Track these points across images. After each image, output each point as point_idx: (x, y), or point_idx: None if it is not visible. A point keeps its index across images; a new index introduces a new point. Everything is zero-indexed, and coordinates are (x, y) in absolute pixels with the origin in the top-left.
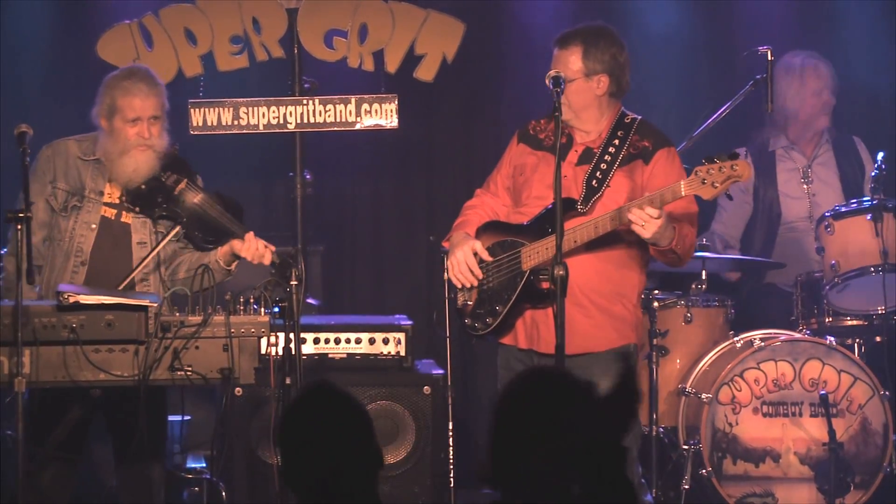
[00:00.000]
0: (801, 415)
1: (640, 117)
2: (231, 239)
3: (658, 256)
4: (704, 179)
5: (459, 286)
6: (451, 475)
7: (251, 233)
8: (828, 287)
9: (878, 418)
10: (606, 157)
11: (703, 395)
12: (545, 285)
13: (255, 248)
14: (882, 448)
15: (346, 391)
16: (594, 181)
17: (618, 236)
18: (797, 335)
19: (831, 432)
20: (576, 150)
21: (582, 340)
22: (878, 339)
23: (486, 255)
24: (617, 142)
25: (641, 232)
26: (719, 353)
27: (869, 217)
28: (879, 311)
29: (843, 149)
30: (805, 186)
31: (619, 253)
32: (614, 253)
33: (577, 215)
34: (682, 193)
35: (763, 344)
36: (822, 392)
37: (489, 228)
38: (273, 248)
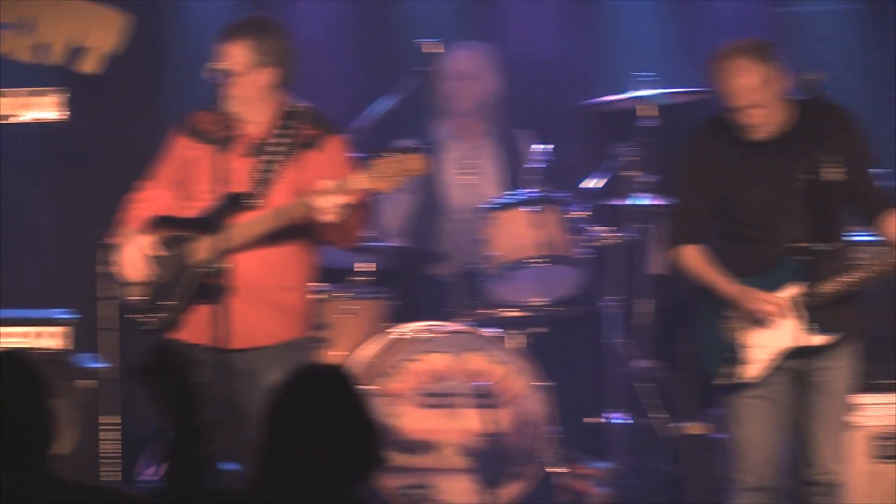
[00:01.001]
0: (460, 406)
1: (309, 105)
2: None
3: (334, 242)
4: (382, 173)
5: (129, 281)
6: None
7: None
8: (489, 278)
9: (536, 409)
10: (276, 148)
11: (364, 387)
12: (214, 280)
13: None
14: (540, 439)
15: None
16: (264, 173)
17: (285, 227)
18: (458, 326)
19: (490, 424)
20: (243, 143)
21: (251, 334)
22: (537, 330)
23: (155, 250)
24: (286, 132)
25: (324, 218)
26: (380, 345)
27: (529, 208)
28: (539, 303)
29: (506, 141)
30: (468, 178)
31: (287, 244)
32: (282, 244)
33: (248, 209)
34: (361, 186)
35: (423, 335)
36: (481, 383)
37: (159, 223)
38: None
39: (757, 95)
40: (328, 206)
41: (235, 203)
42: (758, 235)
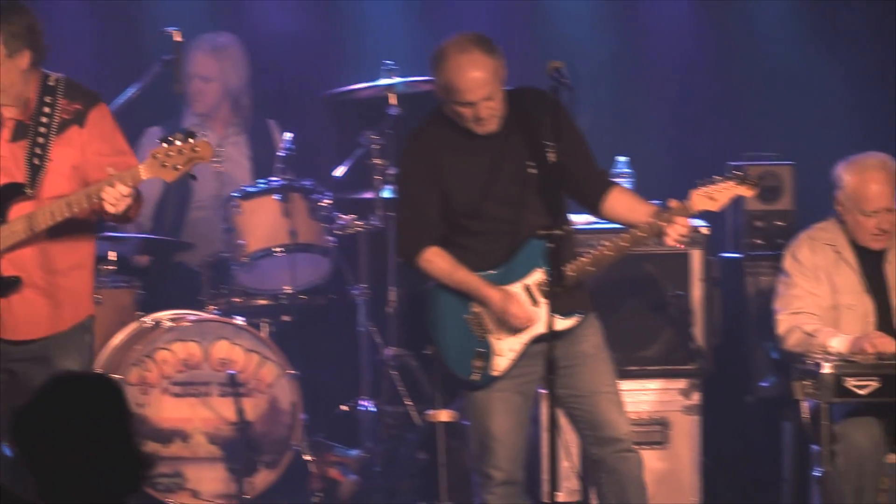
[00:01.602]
0: (210, 395)
1: (62, 76)
2: None
3: (111, 220)
4: (165, 162)
5: None
6: None
7: None
8: (236, 267)
9: (286, 397)
10: (41, 128)
11: (113, 377)
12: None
13: None
14: (290, 427)
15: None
16: (35, 158)
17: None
18: (206, 315)
19: (239, 412)
20: (7, 126)
21: (46, 323)
22: (285, 318)
23: None
24: (48, 109)
25: (111, 209)
26: (128, 335)
27: (277, 197)
28: (287, 291)
29: (256, 130)
30: (215, 166)
31: (69, 227)
32: (61, 230)
33: (25, 199)
34: (143, 178)
35: (172, 324)
36: (231, 372)
37: None
38: None
39: (489, 88)
40: (114, 197)
41: (13, 194)
42: (491, 227)
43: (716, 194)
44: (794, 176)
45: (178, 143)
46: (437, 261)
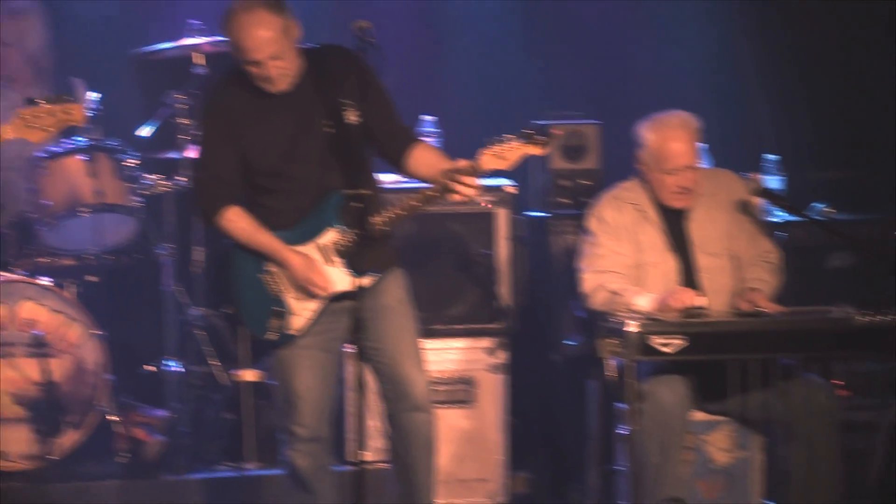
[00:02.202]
0: (14, 356)
1: None
2: None
3: None
4: (31, 123)
5: None
6: None
7: None
8: (41, 227)
9: (91, 358)
10: None
11: None
12: None
13: None
14: (95, 387)
15: None
16: None
17: None
18: (11, 276)
19: (45, 372)
20: None
21: None
22: (91, 279)
23: None
24: None
25: None
26: None
27: (82, 157)
28: (93, 251)
29: (61, 90)
30: None
31: None
32: None
33: None
34: (7, 137)
35: None
36: (36, 332)
37: None
38: None
39: (276, 47)
40: None
41: None
42: (290, 186)
43: (505, 153)
44: (599, 135)
45: (47, 104)
46: (237, 221)
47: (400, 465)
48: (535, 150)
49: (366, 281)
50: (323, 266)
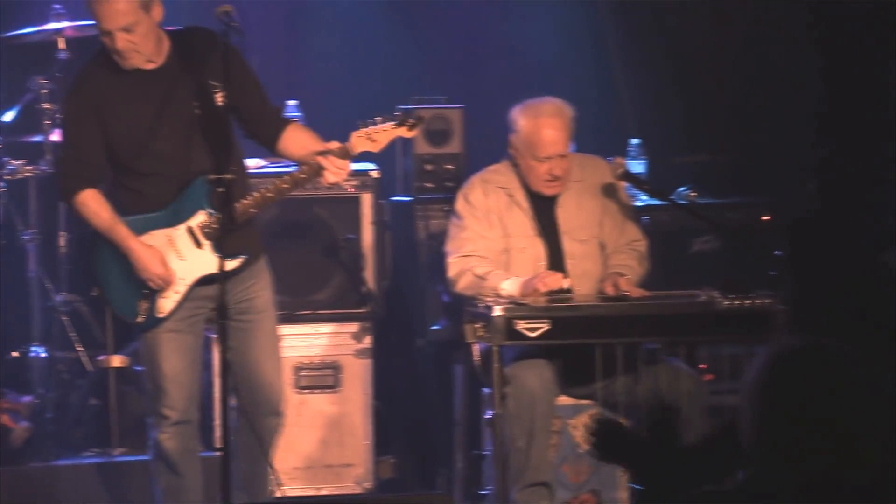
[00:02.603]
0: None
1: None
2: None
3: None
4: None
5: None
6: None
7: None
8: None
9: None
10: None
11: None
12: None
13: None
14: None
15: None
16: None
17: None
18: None
19: None
20: None
21: None
22: None
23: None
24: None
25: None
26: None
27: None
28: None
29: None
30: None
31: None
32: None
33: None
34: None
35: None
36: None
37: None
38: None
39: (128, 19)
40: None
41: None
42: (156, 168)
43: (375, 136)
44: (463, 119)
45: None
46: (90, 204)
47: (245, 454)
48: (405, 133)
49: (234, 264)
50: (173, 258)
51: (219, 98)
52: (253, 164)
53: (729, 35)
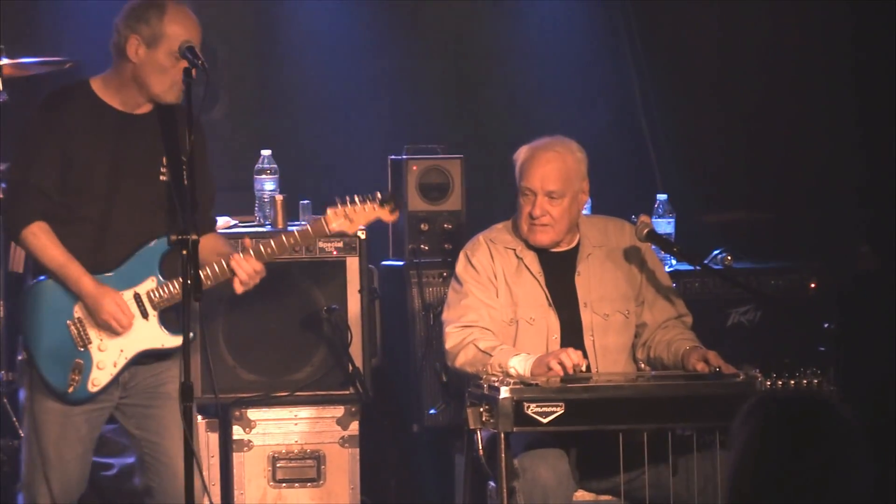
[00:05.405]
0: None
1: None
2: None
3: None
4: None
5: None
6: None
7: None
8: None
9: None
10: None
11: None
12: None
13: None
14: None
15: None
16: None
17: None
18: None
19: None
20: None
21: None
22: None
23: None
24: None
25: None
26: None
27: None
28: None
29: None
30: None
31: None
32: None
33: None
34: None
35: None
36: None
37: None
38: None
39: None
40: None
41: None
42: (113, 216)
43: (353, 215)
44: (463, 171)
45: None
46: (42, 236)
47: None
48: (385, 215)
49: (176, 342)
50: (135, 312)
51: (184, 175)
52: (222, 222)
53: (771, 78)
